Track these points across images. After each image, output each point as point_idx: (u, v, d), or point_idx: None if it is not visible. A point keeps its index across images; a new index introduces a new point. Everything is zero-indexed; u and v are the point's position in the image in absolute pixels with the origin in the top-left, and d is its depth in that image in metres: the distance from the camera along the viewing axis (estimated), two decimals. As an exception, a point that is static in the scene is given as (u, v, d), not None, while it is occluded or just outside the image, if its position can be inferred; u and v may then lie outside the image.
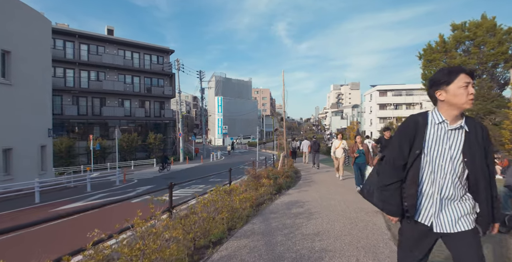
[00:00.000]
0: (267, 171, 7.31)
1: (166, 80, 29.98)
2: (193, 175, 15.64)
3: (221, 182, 11.73)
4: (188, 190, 9.65)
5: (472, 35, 21.73)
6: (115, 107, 26.47)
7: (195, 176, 15.51)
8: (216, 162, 25.69)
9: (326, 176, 9.17)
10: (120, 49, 27.74)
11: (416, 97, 51.10)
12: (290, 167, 9.83)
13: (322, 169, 11.67)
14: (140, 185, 12.21)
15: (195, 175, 16.02)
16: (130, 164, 23.84)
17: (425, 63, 23.99)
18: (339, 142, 8.06)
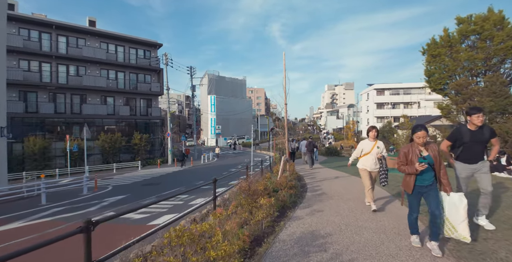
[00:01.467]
0: (265, 182, 5.51)
1: (154, 76, 27.89)
2: (179, 180, 13.74)
3: (208, 190, 9.90)
4: (163, 205, 7.74)
5: (479, 29, 20.28)
6: (97, 105, 24.29)
7: (181, 182, 13.71)
8: (208, 164, 23.76)
9: (336, 184, 7.40)
10: (103, 42, 25.58)
11: (414, 96, 50.08)
12: (292, 172, 8.05)
13: (327, 173, 9.95)
14: (112, 194, 10.25)
15: (181, 180, 14.12)
16: (112, 166, 21.72)
17: (429, 58, 22.53)
18: (372, 143, 4.78)
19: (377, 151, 4.75)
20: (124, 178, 15.91)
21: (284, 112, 6.82)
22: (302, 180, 8.26)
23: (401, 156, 3.05)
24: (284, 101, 6.70)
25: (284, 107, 6.75)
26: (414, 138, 2.97)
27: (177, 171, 18.64)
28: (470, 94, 19.49)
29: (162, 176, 16.26)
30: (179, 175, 16.41)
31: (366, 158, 4.86)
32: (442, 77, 21.83)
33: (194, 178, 14.48)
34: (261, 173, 10.72)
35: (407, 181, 3.02)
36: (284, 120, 14.86)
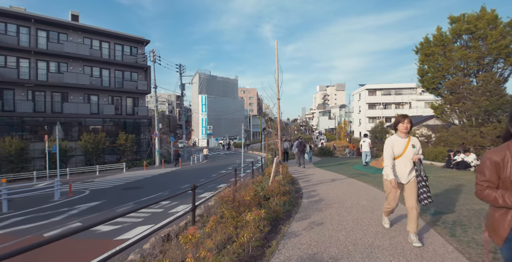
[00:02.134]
0: (255, 187, 4.72)
1: (141, 74, 26.73)
2: (164, 184, 12.80)
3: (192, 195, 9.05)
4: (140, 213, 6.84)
5: (472, 28, 20.06)
6: (79, 104, 23.01)
7: (166, 185, 12.76)
8: (197, 165, 22.80)
9: (334, 188, 6.68)
10: (86, 38, 24.32)
11: (406, 97, 50.25)
12: (285, 175, 7.30)
13: (322, 175, 9.26)
14: (86, 200, 9.26)
15: (166, 183, 13.18)
16: (95, 168, 20.51)
17: (422, 57, 22.26)
18: (404, 140, 3.25)
19: (413, 152, 3.19)
20: (106, 181, 14.84)
21: (277, 109, 6.06)
22: (296, 184, 7.51)
23: (487, 169, 1.53)
24: (277, 96, 5.94)
25: (276, 103, 6.00)
26: None
27: (163, 173, 17.64)
28: (465, 94, 19.22)
29: (146, 178, 15.25)
30: (165, 178, 15.44)
31: (397, 163, 3.25)
32: (436, 77, 21.54)
33: (180, 180, 13.57)
34: (252, 176, 9.92)
35: (497, 220, 1.49)
36: (276, 120, 14.19)
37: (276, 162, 5.97)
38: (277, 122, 6.20)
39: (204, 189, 9.91)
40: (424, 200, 3.22)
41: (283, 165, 8.59)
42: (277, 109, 6.04)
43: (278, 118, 6.22)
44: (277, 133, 6.51)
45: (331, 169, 11.65)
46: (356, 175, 9.47)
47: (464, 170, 10.87)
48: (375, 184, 7.30)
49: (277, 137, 6.21)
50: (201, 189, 9.97)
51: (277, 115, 6.15)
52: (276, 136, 6.82)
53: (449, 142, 14.70)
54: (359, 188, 6.68)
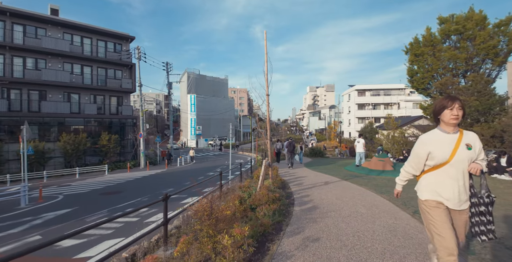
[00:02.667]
0: (241, 195, 4.09)
1: (125, 72, 25.62)
2: (146, 187, 11.99)
3: (174, 201, 8.28)
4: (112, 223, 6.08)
5: (461, 28, 20.12)
6: (58, 103, 21.74)
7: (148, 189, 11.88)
8: (184, 167, 21.93)
9: (328, 192, 6.12)
10: (67, 33, 23.06)
11: (394, 97, 50.77)
12: (275, 179, 6.70)
13: (314, 177, 8.73)
14: (56, 207, 8.37)
15: (149, 186, 12.36)
16: (75, 171, 19.36)
17: (412, 57, 22.21)
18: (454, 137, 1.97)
19: (468, 157, 1.93)
20: (84, 185, 13.85)
21: (266, 106, 5.46)
22: (287, 187, 6.92)
23: None
24: (266, 91, 5.34)
25: (265, 100, 5.40)
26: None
27: (147, 176, 16.75)
28: (455, 93, 19.20)
29: (128, 182, 14.35)
30: (148, 181, 14.59)
31: (442, 175, 2.01)
32: (425, 77, 21.51)
33: (164, 184, 12.77)
34: (240, 179, 9.29)
35: None
36: (266, 119, 13.64)
37: (265, 164, 5.36)
38: (267, 121, 5.60)
39: (188, 194, 9.20)
40: (483, 235, 1.90)
41: (274, 167, 8.01)
42: (266, 106, 5.46)
43: (267, 116, 5.62)
44: (267, 133, 5.93)
45: (323, 171, 11.15)
46: (349, 177, 8.99)
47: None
48: (370, 187, 6.81)
49: (266, 137, 5.60)
50: (184, 193, 9.26)
51: (267, 112, 5.56)
52: (266, 136, 6.23)
53: (441, 142, 14.48)
54: (355, 192, 6.15)
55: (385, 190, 6.28)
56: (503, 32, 19.22)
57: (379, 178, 8.92)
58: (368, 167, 11.87)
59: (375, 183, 7.47)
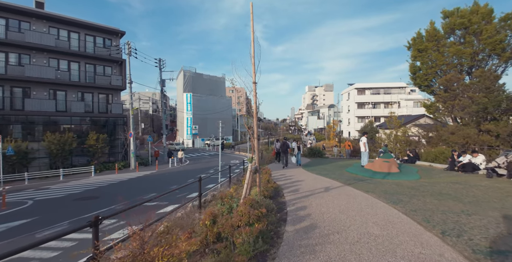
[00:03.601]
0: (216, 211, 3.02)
1: (115, 68, 24.46)
2: (127, 192, 10.90)
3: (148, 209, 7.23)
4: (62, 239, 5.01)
5: (466, 22, 19.12)
6: (43, 100, 20.58)
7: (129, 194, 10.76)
8: (176, 168, 20.83)
9: (329, 203, 5.06)
10: (53, 27, 21.89)
11: (394, 96, 49.80)
12: (266, 186, 5.65)
13: (313, 181, 7.68)
14: (15, 216, 7.27)
15: (131, 191, 11.28)
16: (59, 172, 18.22)
17: (415, 53, 21.18)
18: None
19: None
20: (63, 188, 12.74)
21: (253, 97, 4.40)
22: (280, 196, 5.86)
23: None
24: (253, 78, 4.29)
25: (253, 88, 4.34)
26: None
27: (134, 178, 15.65)
28: (461, 90, 18.21)
29: (111, 185, 13.24)
30: (133, 184, 13.49)
31: None
32: (429, 73, 20.48)
33: (148, 188, 11.70)
34: (229, 183, 8.22)
35: None
36: (265, 120, 12.98)
37: (251, 170, 4.29)
38: (254, 115, 4.53)
39: (169, 200, 8.12)
40: None
41: (266, 171, 6.95)
42: (253, 97, 4.39)
43: (254, 110, 4.55)
44: (267, 133, 4.87)
45: (323, 173, 10.09)
46: (353, 180, 7.94)
47: (472, 173, 9.57)
48: (378, 194, 5.76)
49: (253, 136, 4.53)
50: (166, 200, 8.19)
51: (254, 104, 4.50)
52: (263, 136, 5.15)
53: (449, 141, 13.47)
54: (362, 201, 5.10)
55: (397, 199, 5.23)
56: (509, 26, 18.21)
57: (386, 182, 7.88)
58: (372, 169, 10.84)
59: (383, 189, 6.43)
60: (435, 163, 12.78)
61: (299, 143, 12.57)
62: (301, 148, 12.80)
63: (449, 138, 13.33)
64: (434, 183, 7.29)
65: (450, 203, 4.89)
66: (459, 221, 3.79)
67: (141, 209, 6.80)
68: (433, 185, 6.95)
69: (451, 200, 5.18)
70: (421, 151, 16.33)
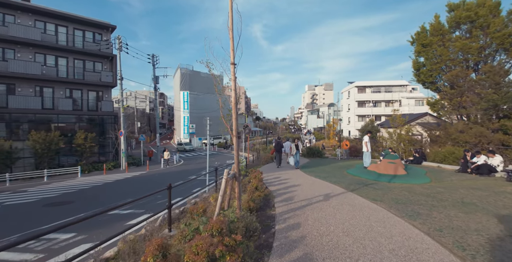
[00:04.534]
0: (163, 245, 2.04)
1: (106, 64, 23.42)
2: (108, 196, 9.92)
3: (121, 220, 6.21)
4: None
5: (473, 15, 18.11)
6: (29, 97, 19.56)
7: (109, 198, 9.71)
8: (167, 169, 19.84)
9: (330, 217, 4.08)
10: (39, 21, 20.84)
11: (396, 94, 48.78)
12: (252, 195, 4.65)
13: (311, 186, 6.71)
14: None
15: (112, 195, 10.30)
16: (44, 173, 17.23)
17: (418, 48, 20.14)
18: None
19: None
20: (41, 191, 11.74)
21: (231, 81, 3.41)
22: (269, 206, 4.86)
23: None
24: (231, 57, 3.29)
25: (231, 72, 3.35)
26: None
27: (121, 180, 14.66)
28: (468, 86, 17.21)
29: (94, 187, 12.25)
30: (117, 186, 12.50)
31: None
32: (434, 69, 19.44)
33: (132, 192, 10.71)
34: (216, 188, 7.22)
35: None
36: (265, 119, 12.06)
37: (227, 178, 3.27)
38: (232, 105, 3.53)
39: (146, 208, 7.13)
40: None
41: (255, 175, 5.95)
42: (231, 82, 3.40)
43: (233, 98, 3.56)
44: (265, 133, 3.84)
45: (322, 175, 9.10)
46: (356, 185, 6.95)
47: (488, 176, 8.60)
48: (389, 204, 4.77)
49: (232, 131, 3.52)
50: (142, 207, 7.20)
51: (232, 95, 3.51)
52: (260, 136, 4.14)
53: (459, 141, 12.47)
54: (370, 215, 4.11)
55: (412, 211, 4.25)
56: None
57: (393, 187, 6.89)
58: (377, 171, 9.85)
59: (393, 197, 5.44)
60: (444, 163, 11.79)
61: (297, 141, 11.52)
62: (299, 146, 11.78)
63: (459, 137, 12.35)
64: (450, 188, 6.31)
65: (481, 218, 3.91)
66: (504, 247, 2.81)
67: (111, 219, 5.82)
68: (450, 191, 5.97)
69: (480, 212, 4.20)
70: (427, 150, 15.37)
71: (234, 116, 3.41)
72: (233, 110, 3.45)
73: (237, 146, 3.54)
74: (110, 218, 6.57)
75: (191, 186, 10.19)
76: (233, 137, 3.50)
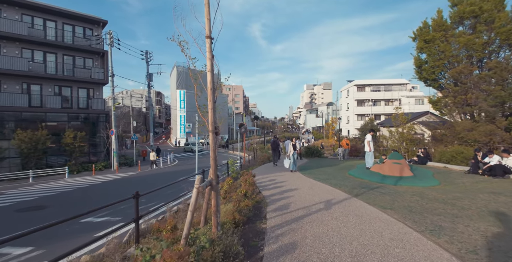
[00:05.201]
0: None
1: (97, 60, 22.54)
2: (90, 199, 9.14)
3: (99, 226, 5.41)
4: None
5: (477, 10, 17.41)
6: (15, 94, 18.67)
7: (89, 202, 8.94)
8: (160, 169, 19.04)
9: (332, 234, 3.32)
10: (26, 15, 19.94)
11: (395, 93, 48.11)
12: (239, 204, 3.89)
13: (309, 190, 5.96)
14: None
15: (101, 197, 9.52)
16: (29, 174, 16.39)
17: (421, 44, 19.41)
18: None
19: None
20: (19, 194, 10.92)
21: (207, 60, 2.64)
22: (260, 217, 4.09)
23: None
24: (206, 30, 2.52)
25: (206, 47, 2.59)
26: None
27: (109, 181, 13.85)
28: (473, 83, 16.51)
29: (78, 189, 11.45)
30: (104, 188, 11.70)
31: None
32: (436, 66, 18.73)
33: (118, 194, 9.92)
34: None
35: None
36: (264, 118, 11.49)
37: (198, 187, 2.48)
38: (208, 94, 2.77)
39: (124, 215, 6.35)
40: None
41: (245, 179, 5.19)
42: (207, 61, 2.64)
43: (208, 85, 2.80)
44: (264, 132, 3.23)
45: (322, 177, 8.35)
46: (360, 189, 6.20)
47: (502, 177, 7.88)
48: (403, 214, 4.02)
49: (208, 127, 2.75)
50: (120, 214, 6.41)
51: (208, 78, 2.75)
52: (257, 135, 3.47)
53: (468, 139, 11.75)
54: (383, 230, 3.36)
55: (432, 223, 3.51)
56: (523, 14, 16.58)
57: (402, 191, 6.15)
58: (381, 172, 9.11)
59: (405, 204, 4.69)
60: (451, 164, 11.06)
61: (294, 140, 10.72)
62: (297, 146, 11.00)
63: (467, 135, 11.62)
64: (466, 193, 5.57)
65: (519, 233, 3.17)
66: None
67: (81, 228, 4.99)
68: (467, 196, 5.23)
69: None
70: (431, 150, 14.66)
71: (210, 107, 2.66)
72: (209, 98, 2.70)
73: (214, 144, 2.77)
74: (80, 227, 5.80)
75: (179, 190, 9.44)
76: (210, 133, 2.73)
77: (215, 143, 2.72)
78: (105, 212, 6.61)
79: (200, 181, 2.43)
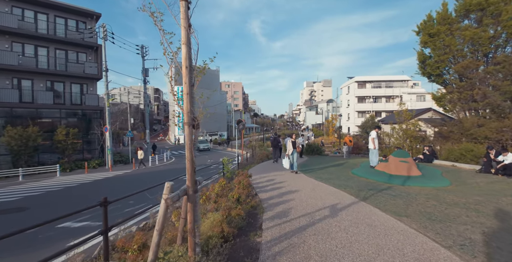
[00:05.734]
0: None
1: (90, 54, 21.81)
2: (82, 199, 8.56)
3: (77, 233, 4.82)
4: None
5: (484, 3, 16.73)
6: (5, 90, 18.00)
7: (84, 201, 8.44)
8: (155, 167, 18.45)
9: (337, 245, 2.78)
10: (16, 7, 19.17)
11: (397, 90, 47.41)
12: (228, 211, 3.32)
13: (311, 192, 5.38)
14: None
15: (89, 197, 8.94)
16: (19, 172, 15.80)
17: (425, 38, 18.71)
18: None
19: None
20: (3, 193, 10.33)
21: (182, 29, 2.03)
22: (254, 228, 3.49)
23: None
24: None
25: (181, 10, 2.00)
26: None
27: (101, 180, 13.27)
28: (480, 78, 15.90)
29: (67, 188, 10.86)
30: (94, 188, 11.11)
31: None
32: (441, 60, 18.07)
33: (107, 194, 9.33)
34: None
35: None
36: (263, 116, 10.94)
37: (166, 200, 1.86)
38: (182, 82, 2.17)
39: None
40: None
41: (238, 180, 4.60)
42: (182, 30, 2.03)
43: (183, 62, 2.17)
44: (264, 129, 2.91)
45: (325, 177, 7.78)
46: (367, 190, 5.62)
47: (518, 178, 7.32)
48: (423, 223, 3.44)
49: (258, 134, 2.13)
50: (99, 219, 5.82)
51: (183, 51, 2.15)
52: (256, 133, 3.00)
53: (477, 136, 11.17)
54: (404, 246, 2.78)
55: (459, 235, 2.94)
56: (530, 7, 15.88)
57: (413, 192, 5.57)
58: (387, 171, 8.54)
59: (421, 209, 4.11)
60: (459, 162, 10.49)
61: (294, 137, 10.07)
62: (296, 143, 10.38)
63: (476, 132, 11.04)
64: (488, 196, 4.99)
65: None
66: None
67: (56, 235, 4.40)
68: (491, 200, 4.65)
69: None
70: (437, 148, 14.11)
71: (186, 91, 2.07)
72: (184, 79, 2.13)
73: (190, 141, 2.18)
74: (56, 233, 5.23)
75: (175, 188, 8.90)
76: (185, 125, 2.13)
77: (191, 139, 2.13)
78: (87, 215, 6.05)
79: (169, 190, 1.83)
